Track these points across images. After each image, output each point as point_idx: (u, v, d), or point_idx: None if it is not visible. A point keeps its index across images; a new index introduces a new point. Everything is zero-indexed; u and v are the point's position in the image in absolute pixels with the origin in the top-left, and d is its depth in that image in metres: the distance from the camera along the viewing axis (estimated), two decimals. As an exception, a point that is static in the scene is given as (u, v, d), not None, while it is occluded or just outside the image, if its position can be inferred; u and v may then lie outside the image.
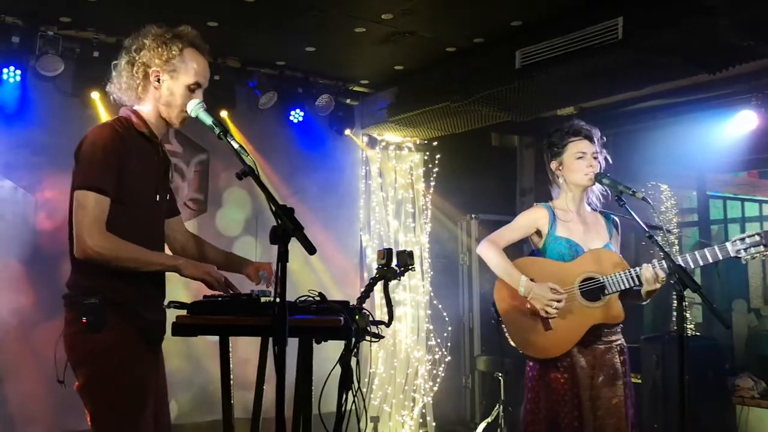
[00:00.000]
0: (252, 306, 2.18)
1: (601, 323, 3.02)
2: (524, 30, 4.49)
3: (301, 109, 5.57)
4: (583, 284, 3.05)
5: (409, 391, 6.13)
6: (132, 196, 2.36)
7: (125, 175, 2.32)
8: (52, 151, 4.57)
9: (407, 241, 6.29)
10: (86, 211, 2.25)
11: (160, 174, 2.52)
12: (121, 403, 2.26)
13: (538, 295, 3.00)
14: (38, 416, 4.38)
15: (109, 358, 2.25)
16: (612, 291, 3.01)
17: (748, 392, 5.26)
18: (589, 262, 3.07)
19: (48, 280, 4.34)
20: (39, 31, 4.45)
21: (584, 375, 3.00)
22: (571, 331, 3.01)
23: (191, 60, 2.43)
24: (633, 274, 2.98)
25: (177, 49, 2.40)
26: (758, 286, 7.28)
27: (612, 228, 3.25)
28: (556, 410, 2.99)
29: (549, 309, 2.99)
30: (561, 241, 3.12)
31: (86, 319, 2.25)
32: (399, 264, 2.42)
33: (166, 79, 2.40)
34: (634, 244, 5.63)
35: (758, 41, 3.75)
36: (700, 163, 6.12)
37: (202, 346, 4.78)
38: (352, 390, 2.23)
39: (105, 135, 2.33)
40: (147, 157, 2.44)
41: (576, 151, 3.14)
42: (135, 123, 2.42)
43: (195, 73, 2.42)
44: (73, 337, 2.29)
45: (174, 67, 2.40)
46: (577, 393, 2.98)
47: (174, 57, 2.39)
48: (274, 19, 4.42)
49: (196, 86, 2.43)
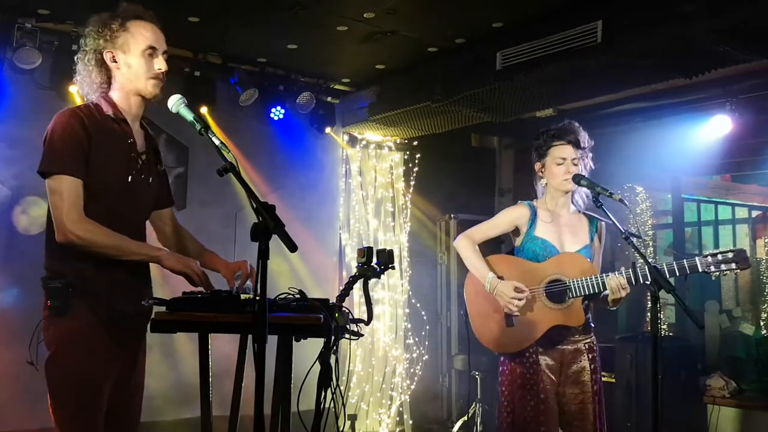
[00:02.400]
0: (232, 303, 2.17)
1: (560, 325, 3.08)
2: (505, 31, 4.53)
3: (282, 107, 5.56)
4: (549, 285, 3.11)
5: (386, 390, 6.15)
6: (100, 180, 2.34)
7: (91, 157, 2.31)
8: (28, 145, 4.49)
9: (386, 240, 6.30)
10: (61, 196, 2.25)
11: (133, 156, 2.46)
12: (71, 390, 2.26)
13: (501, 292, 3.08)
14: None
15: (68, 343, 2.26)
16: (575, 295, 3.06)
17: (720, 392, 5.35)
18: (558, 265, 3.12)
19: (24, 275, 4.29)
20: (16, 23, 4.40)
21: (550, 373, 3.07)
22: (531, 330, 3.09)
23: (137, 28, 2.42)
24: (598, 281, 3.02)
25: (117, 24, 2.40)
26: (730, 287, 7.40)
27: (594, 232, 3.27)
28: (528, 411, 3.04)
29: (510, 306, 3.07)
30: (537, 242, 3.17)
31: (50, 303, 2.26)
32: (379, 262, 2.43)
33: (119, 55, 2.41)
34: (611, 245, 5.70)
35: (734, 47, 3.83)
36: (675, 166, 6.21)
37: (182, 342, 4.76)
38: (330, 388, 2.24)
39: (65, 120, 2.33)
40: (116, 139, 2.41)
41: (557, 156, 3.17)
42: (102, 107, 2.41)
43: (145, 38, 2.41)
44: (44, 321, 2.30)
45: (123, 41, 2.39)
46: (541, 388, 3.04)
47: (117, 32, 2.39)
48: (255, 15, 4.41)
49: (151, 50, 2.42)
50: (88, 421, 2.28)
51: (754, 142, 5.57)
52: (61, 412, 2.27)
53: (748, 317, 6.90)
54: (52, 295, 2.26)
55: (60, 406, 2.27)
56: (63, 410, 2.27)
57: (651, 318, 2.68)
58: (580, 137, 3.20)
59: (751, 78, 4.85)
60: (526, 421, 3.04)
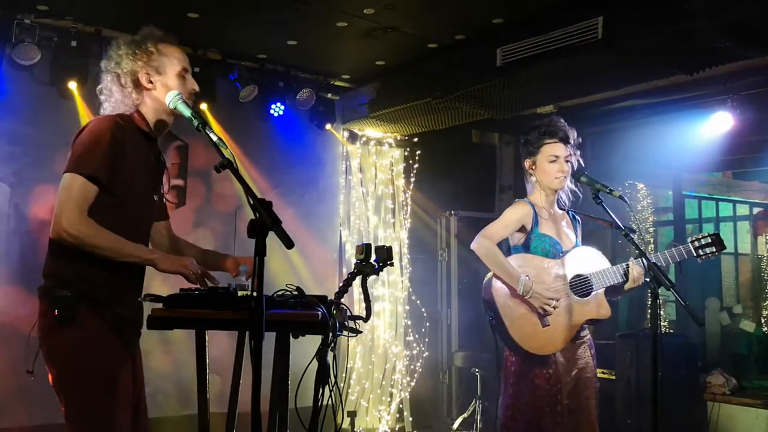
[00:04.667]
0: (229, 299, 2.16)
1: (593, 319, 3.08)
2: (506, 27, 4.51)
3: (281, 103, 5.54)
4: (573, 280, 3.10)
5: (386, 387, 6.15)
6: (124, 190, 2.37)
7: (120, 167, 2.34)
8: (27, 141, 4.51)
9: (386, 237, 6.30)
10: (70, 193, 2.26)
11: (155, 174, 2.56)
12: (92, 399, 2.25)
13: (537, 294, 3.03)
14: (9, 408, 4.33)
15: (78, 353, 2.25)
16: (599, 287, 3.07)
17: (720, 389, 5.35)
18: (577, 260, 3.12)
19: (22, 271, 4.29)
20: (15, 19, 4.37)
21: (563, 371, 3.07)
22: (567, 328, 3.07)
23: (169, 52, 2.53)
24: (620, 270, 3.05)
25: (152, 47, 2.49)
26: (731, 285, 7.40)
27: (578, 227, 3.33)
28: (539, 410, 3.02)
29: (547, 307, 3.03)
30: (545, 239, 3.16)
31: (57, 312, 2.24)
32: (378, 259, 2.42)
33: (156, 77, 2.48)
34: (611, 242, 5.69)
35: (735, 43, 3.81)
36: (676, 163, 6.19)
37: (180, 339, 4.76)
38: (328, 385, 2.23)
39: (105, 125, 2.36)
40: (145, 154, 2.49)
41: (549, 153, 3.17)
42: (136, 120, 2.48)
43: (178, 60, 2.54)
44: (45, 329, 2.28)
45: (158, 64, 2.49)
46: (559, 389, 3.03)
47: (153, 55, 2.48)
48: (255, 12, 4.39)
49: (184, 72, 2.54)
50: (119, 426, 2.29)
51: (756, 138, 5.56)
52: (87, 427, 2.27)
53: (749, 314, 6.90)
54: (61, 305, 2.24)
55: (83, 420, 2.26)
56: (89, 425, 2.26)
57: (651, 315, 2.70)
58: (570, 134, 3.21)
59: (752, 75, 4.83)
60: (531, 417, 3.03)
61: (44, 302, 2.30)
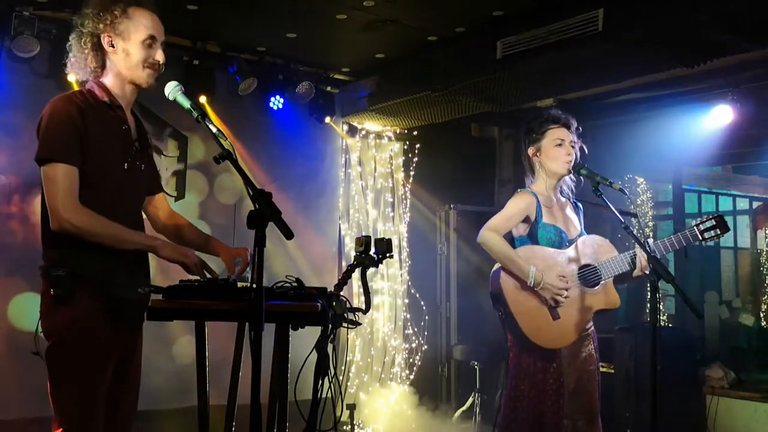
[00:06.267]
0: (229, 291, 2.16)
1: (602, 309, 3.07)
2: (506, 20, 4.49)
3: (281, 96, 5.53)
4: (581, 270, 3.09)
5: (385, 379, 6.16)
6: (96, 167, 2.32)
7: (87, 144, 2.29)
8: (26, 134, 4.45)
9: (386, 231, 6.30)
10: (56, 184, 2.23)
11: (128, 143, 2.46)
12: (74, 377, 2.26)
13: (549, 285, 2.99)
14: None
15: (70, 332, 2.25)
16: (608, 276, 3.06)
17: (718, 382, 5.36)
18: (585, 249, 3.11)
19: (22, 263, 4.28)
20: (14, 11, 4.35)
21: (566, 363, 3.06)
22: (578, 319, 3.04)
23: (139, 16, 2.39)
24: (627, 258, 3.04)
25: (120, 10, 2.37)
26: (730, 278, 7.41)
27: (581, 215, 3.32)
28: (542, 403, 3.01)
29: (559, 298, 3.01)
30: (550, 228, 3.13)
31: (53, 291, 2.24)
32: (377, 251, 2.42)
33: (118, 42, 2.38)
34: (610, 235, 5.68)
35: (736, 36, 3.80)
36: (676, 157, 6.19)
37: (179, 330, 4.76)
38: (328, 377, 2.23)
39: (61, 106, 2.31)
40: (111, 125, 2.40)
41: (555, 137, 3.17)
42: (97, 93, 2.40)
43: (145, 27, 2.39)
44: (45, 307, 2.30)
45: (123, 28, 2.37)
46: (562, 383, 3.02)
47: (119, 18, 2.36)
48: (254, 4, 4.38)
49: (150, 40, 2.40)
50: (88, 408, 2.28)
51: (756, 132, 5.55)
52: (62, 400, 2.27)
53: (748, 308, 6.91)
54: (56, 284, 2.24)
55: (61, 393, 2.27)
56: (64, 398, 2.27)
57: (650, 308, 2.69)
58: (572, 120, 3.21)
59: (753, 68, 4.82)
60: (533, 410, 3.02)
61: (44, 283, 2.30)
